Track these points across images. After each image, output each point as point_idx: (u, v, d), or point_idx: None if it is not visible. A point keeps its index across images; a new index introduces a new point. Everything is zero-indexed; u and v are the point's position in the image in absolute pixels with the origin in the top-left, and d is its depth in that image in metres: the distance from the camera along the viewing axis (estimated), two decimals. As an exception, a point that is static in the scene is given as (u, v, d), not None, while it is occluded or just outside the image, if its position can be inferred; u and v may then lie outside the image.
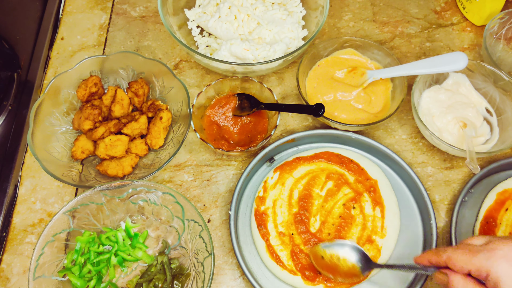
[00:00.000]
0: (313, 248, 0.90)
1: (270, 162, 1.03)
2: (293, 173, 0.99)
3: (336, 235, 0.93)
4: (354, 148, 1.05)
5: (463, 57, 0.98)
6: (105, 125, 0.99)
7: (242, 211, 0.99)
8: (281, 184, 0.98)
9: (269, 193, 0.98)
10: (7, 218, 0.98)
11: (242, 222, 0.97)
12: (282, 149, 1.05)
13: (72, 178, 0.95)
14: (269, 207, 0.96)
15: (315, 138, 1.05)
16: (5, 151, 1.04)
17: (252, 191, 1.01)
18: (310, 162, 1.00)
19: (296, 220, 0.95)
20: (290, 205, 0.96)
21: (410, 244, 0.95)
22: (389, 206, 0.97)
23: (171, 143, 1.02)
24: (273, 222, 0.95)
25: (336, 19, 1.24)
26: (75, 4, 1.26)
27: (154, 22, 1.24)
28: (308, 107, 0.95)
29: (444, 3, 1.27)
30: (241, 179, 0.97)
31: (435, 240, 0.92)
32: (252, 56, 1.06)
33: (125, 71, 1.09)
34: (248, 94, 1.06)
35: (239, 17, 1.10)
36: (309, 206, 0.96)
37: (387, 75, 1.06)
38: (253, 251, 0.95)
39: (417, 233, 0.96)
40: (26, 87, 1.13)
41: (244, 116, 1.05)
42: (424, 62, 1.02)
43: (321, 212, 0.96)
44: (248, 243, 0.95)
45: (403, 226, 0.97)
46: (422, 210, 0.97)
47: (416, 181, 0.97)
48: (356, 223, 0.95)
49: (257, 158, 0.99)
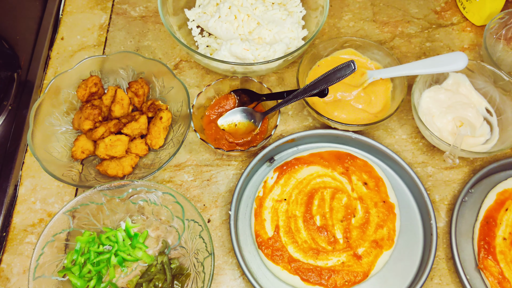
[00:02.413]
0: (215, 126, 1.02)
1: (270, 162, 1.03)
2: (293, 174, 0.99)
3: (343, 235, 0.93)
4: (354, 148, 1.05)
5: (463, 57, 0.98)
6: (105, 125, 0.99)
7: (242, 211, 0.99)
8: (281, 185, 0.98)
9: (268, 194, 0.97)
10: (7, 218, 0.98)
11: (242, 222, 0.97)
12: (282, 149, 1.05)
13: (72, 178, 0.95)
14: (267, 207, 0.96)
15: (315, 138, 1.05)
16: (5, 151, 1.04)
17: (252, 191, 1.01)
18: (310, 163, 1.00)
19: (296, 221, 0.94)
20: (291, 206, 0.96)
21: (410, 245, 0.95)
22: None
23: (171, 143, 1.02)
24: (272, 224, 0.94)
25: (336, 19, 1.24)
26: (75, 4, 1.26)
27: (154, 22, 1.24)
28: (312, 90, 0.96)
29: (444, 3, 1.27)
30: (241, 179, 0.97)
31: (435, 240, 0.92)
32: (252, 56, 1.06)
33: (125, 71, 1.09)
34: (244, 88, 1.06)
35: (239, 17, 1.10)
36: (310, 208, 0.95)
37: (387, 75, 1.06)
38: (253, 251, 0.95)
39: (417, 233, 0.96)
40: (26, 87, 1.13)
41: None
42: (424, 62, 1.02)
43: (321, 213, 0.95)
44: (248, 243, 0.95)
45: (403, 226, 0.96)
46: (422, 211, 0.97)
47: (416, 181, 0.97)
48: (358, 222, 0.94)
49: (257, 158, 0.99)
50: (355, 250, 0.92)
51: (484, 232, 0.93)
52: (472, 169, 1.03)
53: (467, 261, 0.93)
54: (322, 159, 1.00)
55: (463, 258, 0.93)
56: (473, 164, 1.04)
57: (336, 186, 0.98)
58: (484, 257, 0.90)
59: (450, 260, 0.94)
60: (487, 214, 0.95)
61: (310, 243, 0.92)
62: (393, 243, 0.93)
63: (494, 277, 0.89)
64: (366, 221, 0.94)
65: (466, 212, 0.98)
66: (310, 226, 0.94)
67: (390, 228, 0.94)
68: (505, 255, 0.90)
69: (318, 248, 0.92)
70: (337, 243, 0.92)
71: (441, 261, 0.94)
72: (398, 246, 0.95)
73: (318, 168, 1.00)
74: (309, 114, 1.10)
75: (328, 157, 1.01)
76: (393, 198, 0.97)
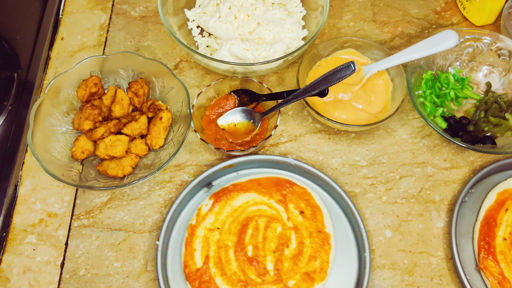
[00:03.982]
0: (215, 126, 1.02)
1: (208, 188, 1.00)
2: (229, 201, 0.94)
3: (275, 268, 0.89)
4: (295, 175, 1.01)
5: (453, 34, 1.00)
6: (105, 125, 0.99)
7: (174, 239, 0.94)
8: (215, 213, 0.93)
9: (201, 222, 0.93)
10: (7, 218, 0.98)
11: (172, 251, 0.93)
12: (222, 174, 1.00)
13: (72, 178, 0.95)
14: (199, 236, 0.91)
15: (255, 164, 1.01)
16: (5, 151, 1.04)
17: (187, 218, 0.96)
18: (247, 190, 0.95)
19: (227, 251, 0.90)
20: (223, 235, 0.92)
21: (343, 278, 0.91)
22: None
23: (171, 143, 1.02)
24: (202, 254, 0.90)
25: (336, 19, 1.24)
26: (75, 4, 1.26)
27: (154, 22, 1.24)
28: (312, 90, 0.95)
29: (444, 3, 1.27)
30: (173, 206, 0.93)
31: (367, 274, 0.88)
32: (252, 56, 1.06)
33: (125, 71, 1.09)
34: (244, 89, 1.06)
35: (239, 17, 1.10)
36: (243, 237, 0.91)
37: (383, 66, 1.06)
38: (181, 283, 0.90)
39: (352, 265, 0.92)
40: (26, 87, 1.13)
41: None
42: (416, 46, 1.03)
43: (254, 243, 0.91)
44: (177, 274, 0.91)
45: (339, 258, 0.92)
46: (359, 242, 0.93)
47: (354, 211, 0.93)
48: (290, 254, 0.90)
49: (192, 184, 0.95)
50: (285, 283, 0.87)
51: (484, 232, 0.93)
52: (472, 169, 1.03)
53: (467, 261, 0.93)
54: (260, 186, 0.96)
55: (463, 258, 0.93)
56: (473, 164, 1.04)
57: (272, 214, 0.93)
58: (484, 257, 0.90)
59: (450, 260, 0.94)
60: (487, 214, 0.94)
61: (239, 275, 0.88)
62: (326, 275, 0.88)
63: (494, 277, 0.89)
64: (299, 252, 0.89)
65: (466, 212, 0.97)
66: (241, 257, 0.89)
67: (324, 259, 0.89)
68: (505, 255, 0.90)
69: (247, 280, 0.87)
70: (268, 275, 0.88)
71: (441, 261, 0.94)
72: (331, 279, 0.90)
73: (255, 195, 0.95)
74: (309, 114, 1.10)
75: (266, 183, 0.96)
76: (330, 228, 0.93)
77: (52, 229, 0.98)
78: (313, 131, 1.08)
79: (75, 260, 0.95)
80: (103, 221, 0.98)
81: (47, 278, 0.93)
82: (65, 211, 0.99)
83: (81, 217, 0.99)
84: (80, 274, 0.93)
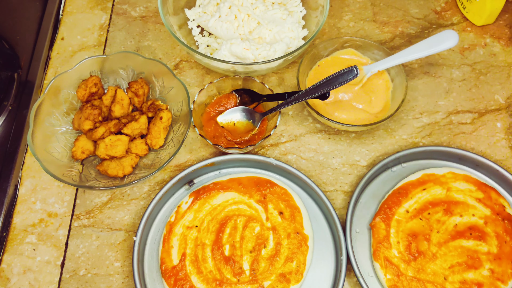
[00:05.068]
0: (215, 124, 1.01)
1: (189, 185, 1.00)
2: (209, 200, 0.94)
3: (252, 268, 0.89)
4: (276, 175, 1.01)
5: (453, 34, 1.00)
6: (105, 125, 0.99)
7: (153, 235, 0.95)
8: (195, 211, 0.93)
9: (180, 219, 0.93)
10: (7, 218, 0.98)
11: (150, 247, 0.94)
12: (203, 172, 1.00)
13: (72, 178, 0.95)
14: (177, 233, 0.91)
15: (237, 163, 1.01)
16: (5, 151, 1.04)
17: (166, 214, 0.97)
18: (228, 189, 0.95)
19: (204, 250, 0.90)
20: (202, 233, 0.91)
21: (319, 280, 0.91)
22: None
23: (171, 143, 1.02)
24: (179, 251, 0.90)
25: (336, 19, 1.24)
26: (75, 4, 1.26)
27: (154, 22, 1.24)
28: (313, 93, 0.95)
29: (444, 3, 1.27)
30: (152, 202, 0.93)
31: (343, 278, 0.87)
32: (252, 55, 1.06)
33: (125, 71, 1.09)
34: (246, 88, 1.06)
35: (239, 17, 1.10)
36: (221, 236, 0.91)
37: (383, 66, 1.06)
38: (158, 279, 0.91)
39: (329, 268, 0.92)
40: (26, 87, 1.13)
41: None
42: (416, 46, 1.03)
43: (231, 243, 0.90)
44: (154, 270, 0.91)
45: (316, 260, 0.92)
46: (337, 245, 0.93)
47: (332, 213, 0.93)
48: (268, 254, 0.90)
49: (173, 181, 0.95)
50: (260, 283, 0.87)
51: (392, 198, 0.95)
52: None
53: (364, 218, 0.96)
54: (241, 185, 0.96)
55: (363, 214, 0.96)
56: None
57: (251, 214, 0.93)
58: (380, 218, 0.93)
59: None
60: (403, 186, 0.96)
61: (215, 273, 0.88)
62: (302, 277, 0.88)
63: (378, 235, 0.91)
64: (276, 253, 0.89)
65: (388, 180, 1.00)
66: (218, 256, 0.89)
67: (300, 261, 0.89)
68: (399, 223, 0.92)
69: (222, 279, 0.87)
70: (243, 275, 0.87)
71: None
72: (307, 281, 0.90)
73: (235, 194, 0.95)
74: (309, 115, 1.10)
75: (247, 183, 0.96)
76: (309, 229, 0.92)
77: (52, 229, 0.98)
78: (313, 131, 1.08)
79: (75, 260, 0.95)
80: (103, 221, 0.98)
81: (47, 278, 0.93)
82: (65, 211, 0.99)
83: (81, 217, 0.99)
84: (80, 274, 0.94)
